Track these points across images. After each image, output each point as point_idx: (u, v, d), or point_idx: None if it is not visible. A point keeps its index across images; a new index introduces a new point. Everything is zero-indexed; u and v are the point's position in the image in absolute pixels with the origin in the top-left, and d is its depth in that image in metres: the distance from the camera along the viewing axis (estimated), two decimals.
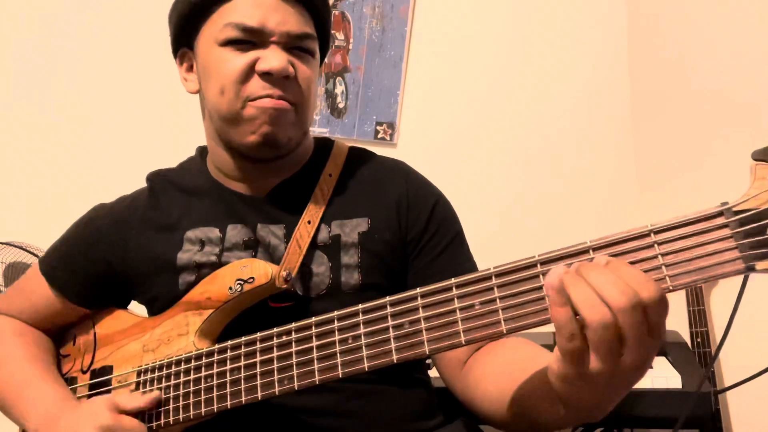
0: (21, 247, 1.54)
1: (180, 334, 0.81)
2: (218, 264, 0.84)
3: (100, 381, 0.87)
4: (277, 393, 0.69)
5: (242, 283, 0.78)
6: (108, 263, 0.92)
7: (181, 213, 0.90)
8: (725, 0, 1.65)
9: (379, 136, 2.00)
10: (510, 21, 2.01)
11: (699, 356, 1.58)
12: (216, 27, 0.82)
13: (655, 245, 0.53)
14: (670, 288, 0.52)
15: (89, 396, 0.87)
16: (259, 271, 0.78)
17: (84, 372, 0.91)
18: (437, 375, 1.29)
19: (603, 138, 1.96)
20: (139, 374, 0.82)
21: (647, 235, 0.54)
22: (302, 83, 0.83)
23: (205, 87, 0.86)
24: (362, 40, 2.01)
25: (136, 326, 0.88)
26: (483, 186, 1.95)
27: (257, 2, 0.81)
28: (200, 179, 0.93)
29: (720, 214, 0.50)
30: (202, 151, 0.98)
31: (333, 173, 0.91)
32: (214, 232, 0.87)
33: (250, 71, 0.81)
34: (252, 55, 0.81)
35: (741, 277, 0.67)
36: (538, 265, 0.56)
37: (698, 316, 1.62)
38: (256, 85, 0.80)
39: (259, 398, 0.70)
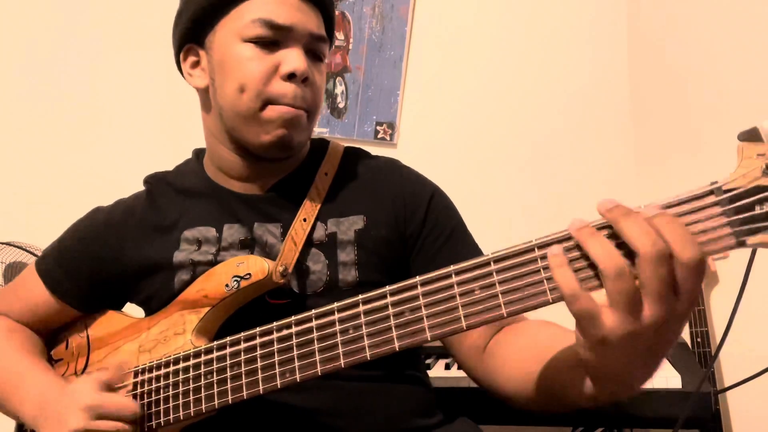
0: (21, 247, 1.54)
1: (177, 333, 0.81)
2: (214, 263, 0.84)
3: None
4: (279, 386, 0.68)
5: (239, 279, 0.79)
6: (104, 265, 0.92)
7: (179, 214, 0.90)
8: None
9: (379, 136, 2.00)
10: (510, 20, 2.01)
11: (699, 356, 1.58)
12: (240, 22, 0.83)
13: None
14: None
15: None
16: (255, 267, 0.78)
17: (78, 376, 0.89)
18: (437, 375, 1.29)
19: (603, 136, 1.96)
20: (135, 374, 0.82)
21: None
22: (317, 89, 0.86)
23: (220, 83, 0.85)
24: (362, 40, 2.01)
25: (130, 327, 0.87)
26: (483, 185, 1.95)
27: (281, 0, 0.83)
28: (197, 180, 0.94)
29: (710, 192, 0.52)
30: (199, 154, 0.98)
31: (329, 172, 0.92)
32: (211, 232, 0.88)
33: (273, 73, 0.82)
34: (276, 57, 0.82)
35: (741, 277, 0.68)
36: (536, 249, 0.57)
37: (698, 316, 1.62)
38: (278, 88, 0.82)
39: (261, 392, 0.70)
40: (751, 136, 0.52)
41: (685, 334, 1.60)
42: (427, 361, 1.40)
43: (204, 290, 0.81)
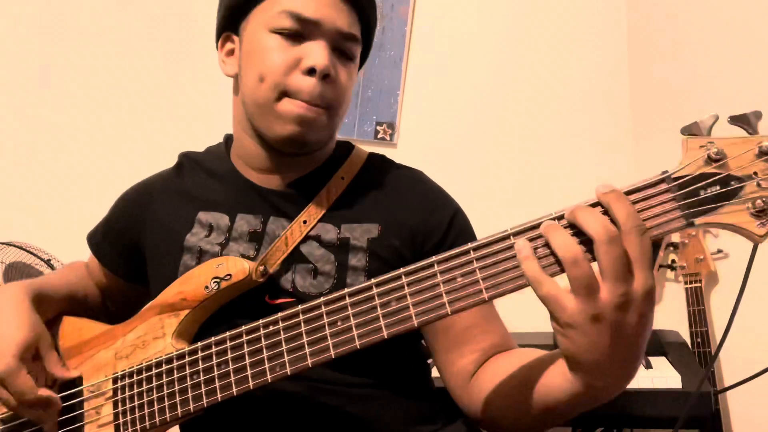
0: (21, 247, 1.54)
1: (156, 337, 0.80)
2: (219, 254, 0.85)
3: (71, 393, 0.83)
4: (269, 380, 0.69)
5: (219, 281, 0.79)
6: (133, 225, 0.95)
7: (200, 192, 0.92)
8: None
9: (379, 136, 2.00)
10: (510, 20, 2.00)
11: (699, 356, 1.57)
12: (269, 12, 0.83)
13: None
14: None
15: (60, 411, 0.82)
16: (236, 267, 0.79)
17: (50, 386, 0.84)
18: (438, 375, 1.29)
19: (603, 138, 1.96)
20: (115, 381, 0.80)
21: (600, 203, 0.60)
22: (340, 88, 0.84)
23: (245, 71, 0.86)
24: None
25: (104, 335, 0.86)
26: (483, 185, 1.95)
27: None
28: (221, 165, 0.95)
29: (662, 180, 0.59)
30: (228, 140, 0.99)
31: (346, 176, 0.91)
32: (224, 219, 0.88)
33: (293, 66, 0.81)
34: (299, 51, 0.81)
35: (740, 277, 0.68)
36: (511, 237, 0.63)
37: (698, 316, 1.62)
38: (297, 82, 0.81)
39: (251, 387, 0.70)
40: (692, 130, 0.61)
41: (685, 334, 1.59)
42: (429, 361, 1.40)
43: (183, 293, 0.81)
